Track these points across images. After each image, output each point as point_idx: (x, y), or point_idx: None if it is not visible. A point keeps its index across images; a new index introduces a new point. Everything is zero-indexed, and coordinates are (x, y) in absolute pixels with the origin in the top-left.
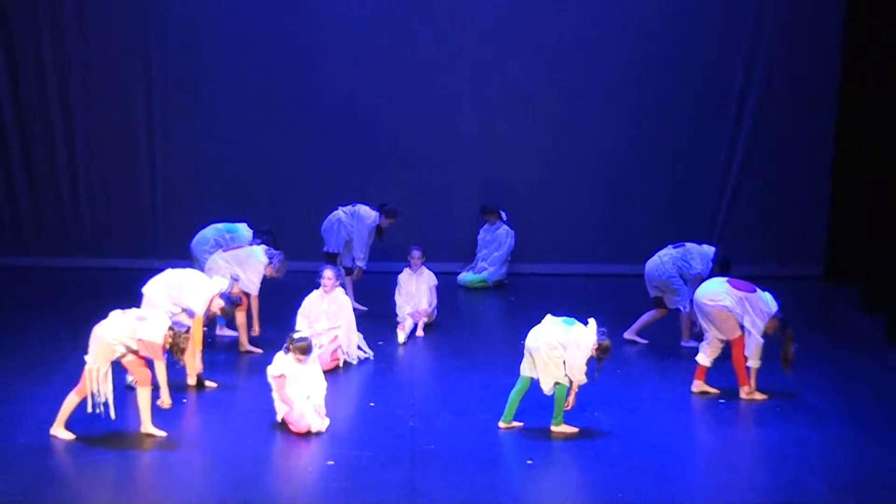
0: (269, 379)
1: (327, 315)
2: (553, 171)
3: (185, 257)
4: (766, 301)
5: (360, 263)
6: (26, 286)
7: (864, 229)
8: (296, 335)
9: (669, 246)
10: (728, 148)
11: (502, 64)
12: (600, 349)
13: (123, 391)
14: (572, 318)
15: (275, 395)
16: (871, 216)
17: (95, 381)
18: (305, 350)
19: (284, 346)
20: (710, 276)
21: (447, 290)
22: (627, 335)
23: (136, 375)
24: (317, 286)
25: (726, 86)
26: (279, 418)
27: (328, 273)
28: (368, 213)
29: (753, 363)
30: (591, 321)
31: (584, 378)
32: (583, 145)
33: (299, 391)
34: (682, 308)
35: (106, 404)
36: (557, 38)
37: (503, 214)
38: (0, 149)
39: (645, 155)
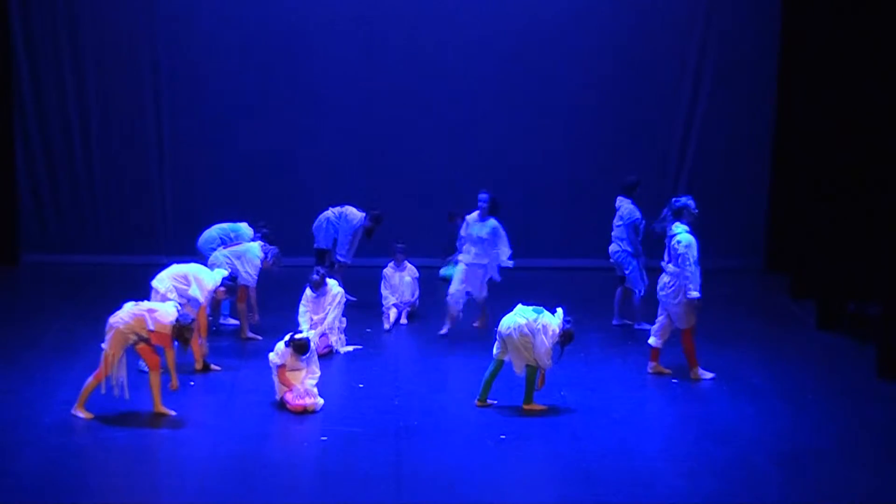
0: (271, 364)
1: (323, 306)
2: (524, 176)
3: (190, 253)
4: None
5: (341, 259)
6: (50, 280)
7: (797, 227)
8: (297, 335)
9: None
10: (678, 156)
11: (479, 79)
12: (565, 336)
13: (136, 375)
14: (540, 307)
15: (275, 377)
16: (804, 215)
17: (110, 366)
18: (303, 349)
19: (286, 340)
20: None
21: (428, 282)
22: (616, 322)
23: (147, 361)
24: (310, 281)
25: (675, 101)
26: (279, 397)
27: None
28: (355, 215)
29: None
30: (559, 311)
31: (550, 362)
32: (550, 154)
33: (296, 377)
34: (637, 292)
35: (121, 386)
36: (528, 52)
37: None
38: (26, 160)
39: (604, 162)
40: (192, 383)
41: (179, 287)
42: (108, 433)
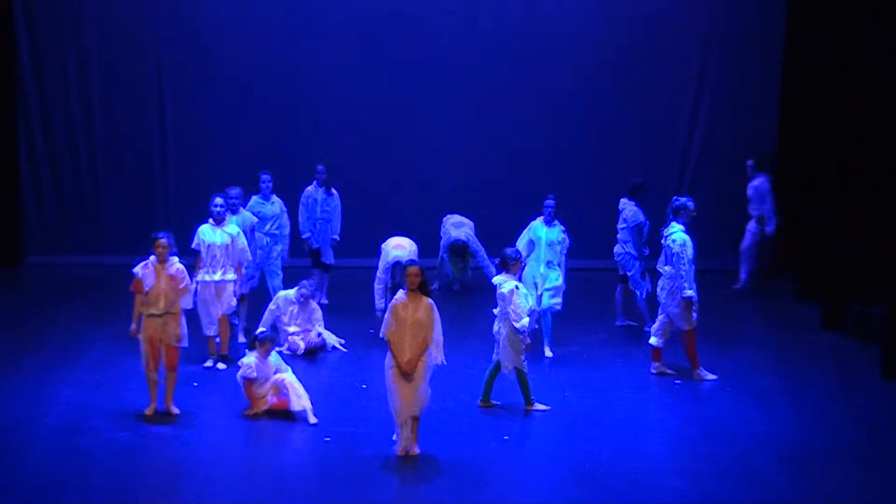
0: (239, 379)
1: (310, 320)
2: (527, 176)
3: (191, 254)
4: None
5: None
6: (54, 281)
7: (802, 228)
8: (258, 332)
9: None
10: (681, 160)
11: (484, 80)
12: (514, 264)
13: (140, 378)
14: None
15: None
16: (808, 216)
17: (145, 353)
18: (273, 341)
19: (247, 346)
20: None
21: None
22: (619, 323)
23: (168, 360)
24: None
25: (679, 103)
26: (252, 411)
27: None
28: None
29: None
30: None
31: (526, 319)
32: (553, 155)
33: (265, 387)
34: (639, 293)
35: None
36: (533, 54)
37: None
38: (30, 162)
39: (608, 164)
40: (196, 384)
41: None
42: (111, 434)
